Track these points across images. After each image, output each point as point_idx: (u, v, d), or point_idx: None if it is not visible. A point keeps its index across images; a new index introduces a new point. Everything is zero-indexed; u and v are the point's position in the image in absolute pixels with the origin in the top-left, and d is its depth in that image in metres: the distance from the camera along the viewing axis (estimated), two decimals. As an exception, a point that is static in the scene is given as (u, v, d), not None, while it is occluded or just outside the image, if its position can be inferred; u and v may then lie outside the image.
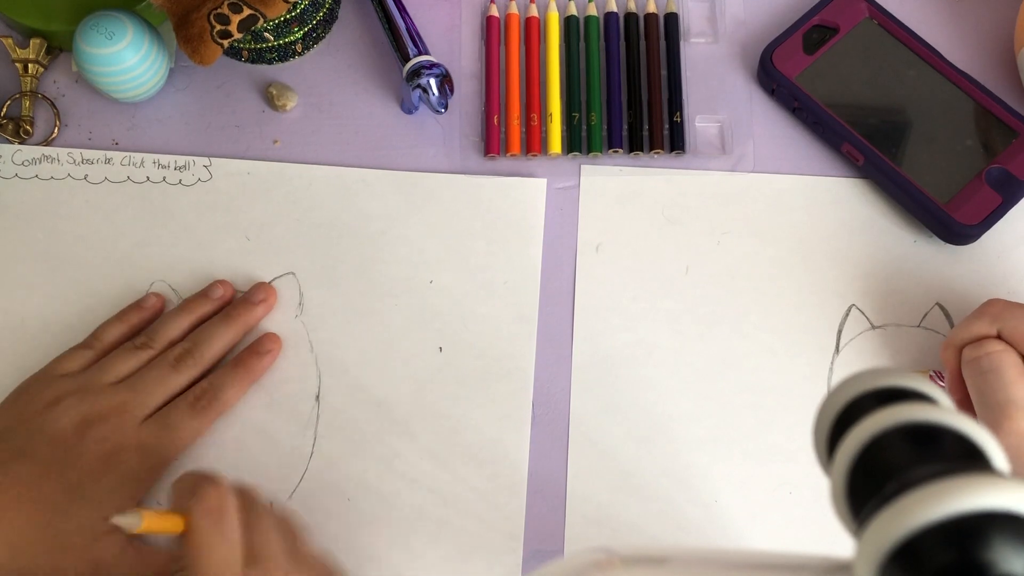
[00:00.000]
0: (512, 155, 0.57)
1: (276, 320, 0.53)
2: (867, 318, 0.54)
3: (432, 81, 0.55)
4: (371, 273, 0.54)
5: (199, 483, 0.42)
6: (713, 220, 0.56)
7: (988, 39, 0.60)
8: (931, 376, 0.51)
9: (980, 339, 0.47)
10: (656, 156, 0.57)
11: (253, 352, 0.52)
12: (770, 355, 0.53)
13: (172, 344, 0.51)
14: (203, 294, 0.53)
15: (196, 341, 0.51)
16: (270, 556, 0.42)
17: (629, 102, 0.57)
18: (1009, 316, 0.47)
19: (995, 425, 0.44)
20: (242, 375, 0.51)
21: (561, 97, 0.58)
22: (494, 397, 0.52)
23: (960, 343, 0.48)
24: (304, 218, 0.55)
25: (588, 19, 0.59)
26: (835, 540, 0.28)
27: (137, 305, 0.53)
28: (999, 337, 0.47)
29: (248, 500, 0.44)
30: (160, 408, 0.49)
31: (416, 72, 0.55)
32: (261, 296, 0.53)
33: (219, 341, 0.51)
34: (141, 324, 0.52)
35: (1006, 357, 0.46)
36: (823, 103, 0.56)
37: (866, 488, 0.25)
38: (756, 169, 0.57)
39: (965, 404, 0.48)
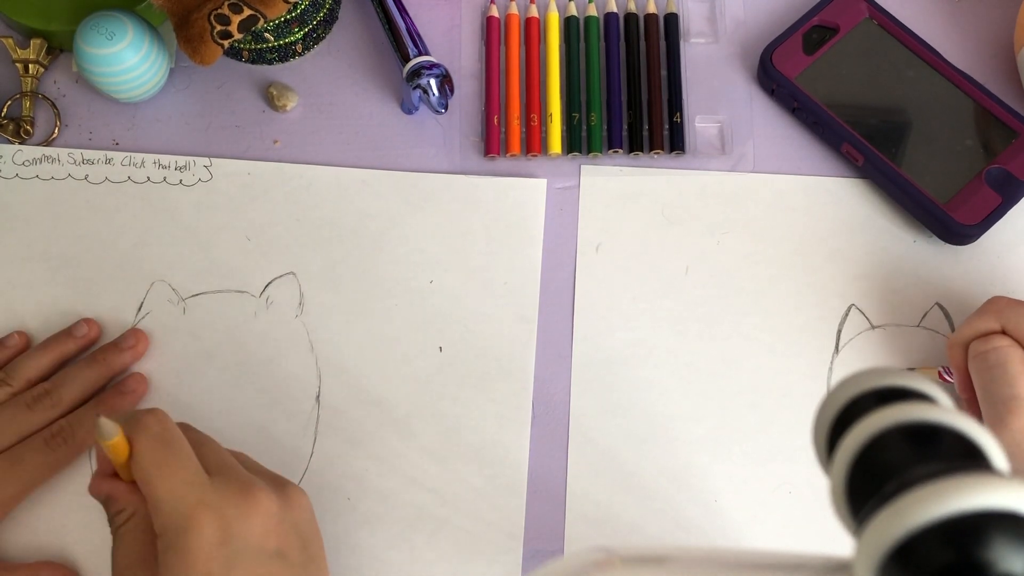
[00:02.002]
0: (512, 155, 0.57)
1: (276, 320, 0.53)
2: (867, 318, 0.54)
3: (432, 81, 0.55)
4: (371, 273, 0.54)
5: (135, 415, 0.41)
6: (713, 220, 0.56)
7: (988, 39, 0.60)
8: (940, 373, 0.51)
9: (986, 335, 0.47)
10: (656, 156, 0.57)
11: (116, 392, 0.51)
12: (770, 355, 0.53)
13: (31, 383, 0.50)
14: (67, 332, 0.52)
15: (56, 383, 0.50)
16: (228, 463, 0.42)
17: (629, 102, 0.57)
18: (1012, 313, 0.47)
19: (1000, 420, 0.44)
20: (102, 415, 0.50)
21: (561, 97, 0.58)
22: (494, 397, 0.52)
23: (966, 340, 0.48)
24: (304, 218, 0.55)
25: (588, 19, 0.59)
26: (835, 540, 0.28)
27: None
28: (1003, 333, 0.47)
29: (188, 427, 0.43)
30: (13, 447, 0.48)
31: (416, 72, 0.55)
32: (131, 342, 0.52)
33: (80, 384, 0.50)
34: (2, 362, 0.51)
35: (1012, 352, 0.46)
36: (823, 103, 0.56)
37: (866, 488, 0.25)
38: (756, 169, 0.57)
39: (975, 403, 0.48)
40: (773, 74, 0.57)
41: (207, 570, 0.38)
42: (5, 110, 0.57)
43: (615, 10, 0.59)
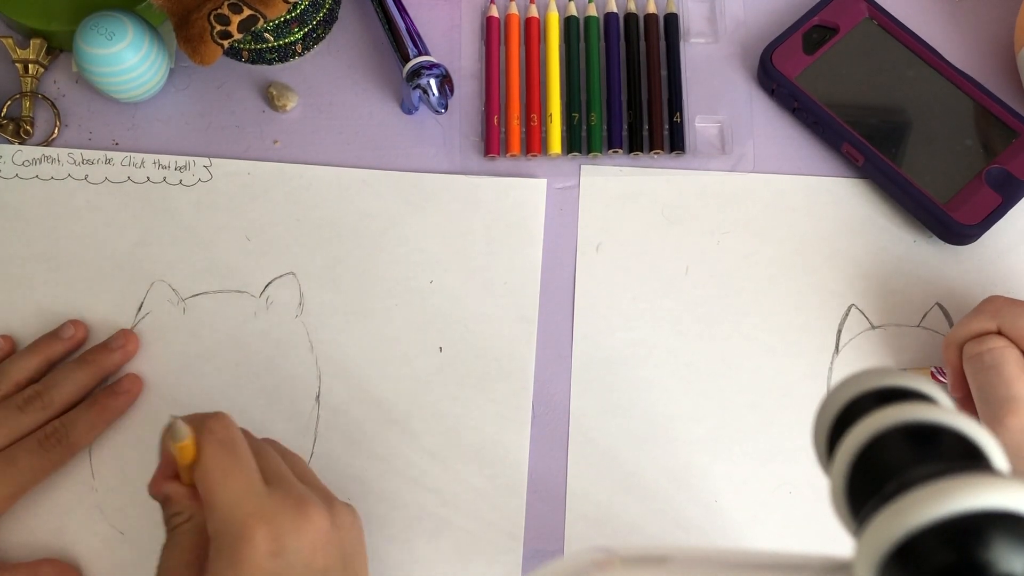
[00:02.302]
0: (512, 155, 0.57)
1: (276, 320, 0.53)
2: (867, 318, 0.54)
3: (432, 81, 0.55)
4: (371, 273, 0.54)
5: (202, 418, 0.41)
6: (713, 220, 0.56)
7: (988, 39, 0.60)
8: (932, 372, 0.51)
9: (981, 335, 0.47)
10: (656, 156, 0.57)
11: (110, 392, 0.51)
12: (770, 355, 0.53)
13: (20, 385, 0.50)
14: (53, 334, 0.52)
15: (47, 384, 0.50)
16: (284, 475, 0.42)
17: (629, 102, 0.57)
18: (1008, 312, 0.47)
19: (996, 421, 0.44)
20: (95, 415, 0.50)
21: (561, 97, 0.58)
22: (494, 397, 0.52)
23: (961, 340, 0.48)
24: (304, 218, 0.55)
25: (588, 19, 0.59)
26: (835, 540, 0.28)
27: None
28: (999, 333, 0.47)
29: (247, 432, 0.44)
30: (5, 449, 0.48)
31: (416, 72, 0.55)
32: (120, 342, 0.52)
33: (71, 385, 0.50)
34: None
35: (1007, 353, 0.46)
36: (823, 103, 0.56)
37: (866, 488, 0.25)
38: (756, 169, 0.57)
39: (968, 402, 0.48)
40: (773, 74, 0.57)
41: None
42: (5, 110, 0.57)
43: (615, 10, 0.59)
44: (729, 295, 0.54)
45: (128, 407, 0.51)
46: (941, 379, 0.50)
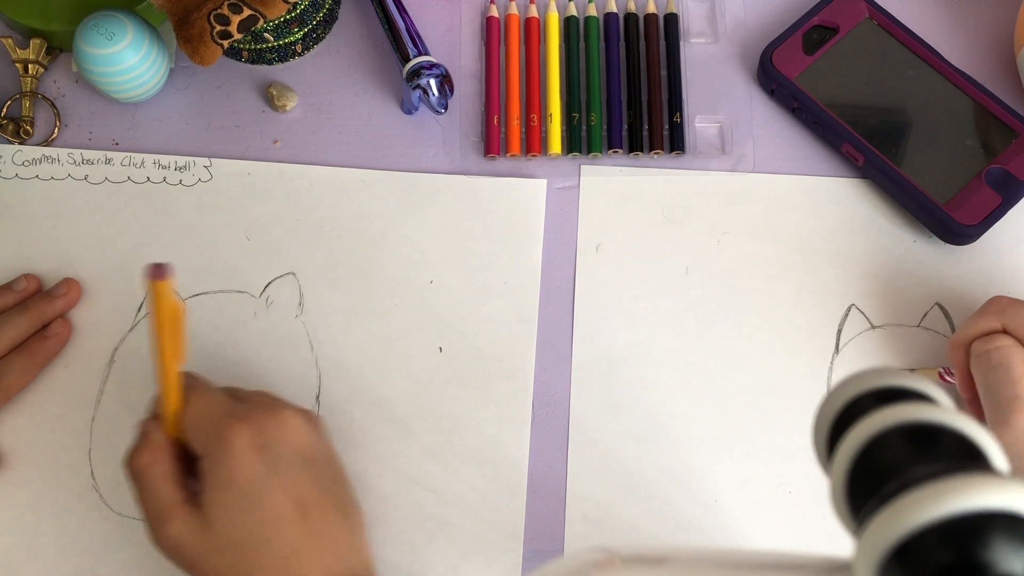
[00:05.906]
0: (512, 155, 0.57)
1: (276, 320, 0.53)
2: (867, 318, 0.54)
3: (432, 81, 0.55)
4: (371, 273, 0.54)
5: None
6: (713, 220, 0.56)
7: (988, 39, 0.60)
8: (940, 373, 0.51)
9: (987, 334, 0.47)
10: (656, 156, 0.57)
11: (39, 337, 0.52)
12: (770, 355, 0.53)
13: None
14: (6, 286, 0.53)
15: None
16: (251, 394, 0.45)
17: (629, 102, 0.57)
18: (1014, 312, 0.47)
19: (1004, 420, 0.44)
20: (26, 360, 0.51)
21: (561, 97, 0.58)
22: (494, 397, 0.52)
23: (967, 340, 0.48)
24: (304, 218, 0.55)
25: (588, 19, 0.59)
26: (835, 540, 0.29)
27: None
28: (1005, 332, 0.47)
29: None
30: None
31: (416, 72, 0.55)
32: (63, 290, 0.53)
33: (10, 331, 0.51)
34: None
35: (1015, 352, 0.46)
36: (823, 103, 0.56)
37: (866, 488, 0.25)
38: (756, 169, 0.57)
39: (977, 403, 0.48)
40: (773, 74, 0.57)
41: (252, 473, 0.41)
42: (5, 110, 0.57)
43: (615, 10, 0.59)
44: (729, 295, 0.54)
45: (58, 350, 0.52)
46: (949, 380, 0.50)
